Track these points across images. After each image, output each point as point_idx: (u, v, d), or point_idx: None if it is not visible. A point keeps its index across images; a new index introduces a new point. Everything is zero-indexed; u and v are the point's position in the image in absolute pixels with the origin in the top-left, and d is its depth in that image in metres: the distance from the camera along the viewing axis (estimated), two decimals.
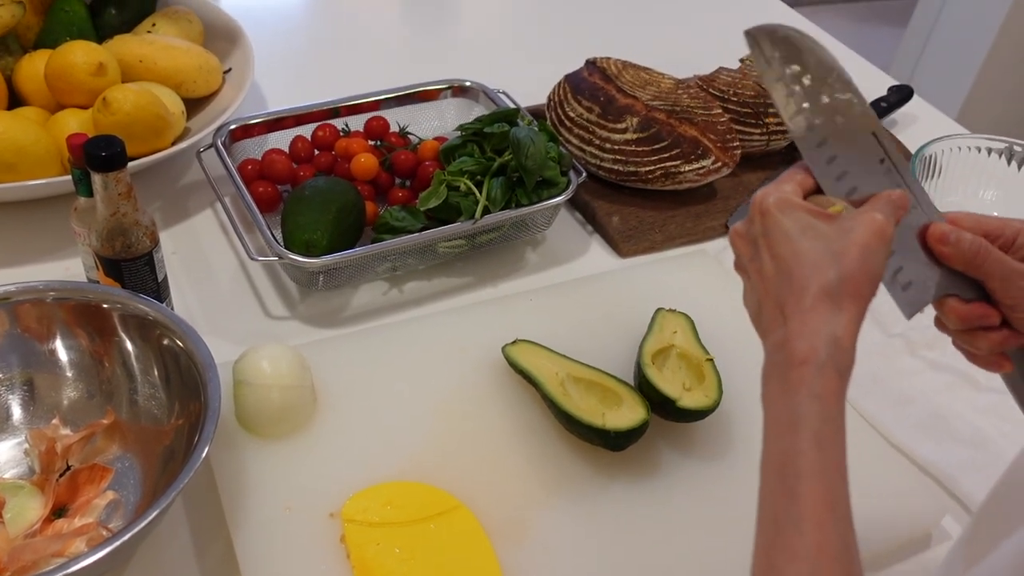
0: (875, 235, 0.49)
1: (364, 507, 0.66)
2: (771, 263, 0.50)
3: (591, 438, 0.71)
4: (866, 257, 0.48)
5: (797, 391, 0.46)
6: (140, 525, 0.55)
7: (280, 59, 1.22)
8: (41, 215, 0.92)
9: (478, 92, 1.06)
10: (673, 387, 0.73)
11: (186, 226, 0.95)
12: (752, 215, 0.52)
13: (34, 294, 0.69)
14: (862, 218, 0.49)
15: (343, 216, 0.85)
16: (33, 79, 0.95)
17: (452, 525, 0.66)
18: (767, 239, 0.51)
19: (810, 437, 0.45)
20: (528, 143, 0.90)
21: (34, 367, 0.70)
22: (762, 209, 0.51)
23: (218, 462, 0.68)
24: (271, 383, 0.69)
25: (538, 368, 0.74)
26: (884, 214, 0.50)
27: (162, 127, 0.91)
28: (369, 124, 1.02)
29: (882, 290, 0.51)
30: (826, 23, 1.51)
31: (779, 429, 0.47)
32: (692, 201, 1.02)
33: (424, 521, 0.66)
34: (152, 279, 0.74)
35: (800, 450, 0.45)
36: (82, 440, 0.67)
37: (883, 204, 0.51)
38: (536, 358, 0.76)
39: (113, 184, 0.68)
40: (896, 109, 1.20)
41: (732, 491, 0.71)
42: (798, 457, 0.45)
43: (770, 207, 0.51)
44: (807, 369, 0.46)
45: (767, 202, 0.51)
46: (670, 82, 1.03)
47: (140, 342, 0.69)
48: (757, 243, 0.52)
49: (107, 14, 1.07)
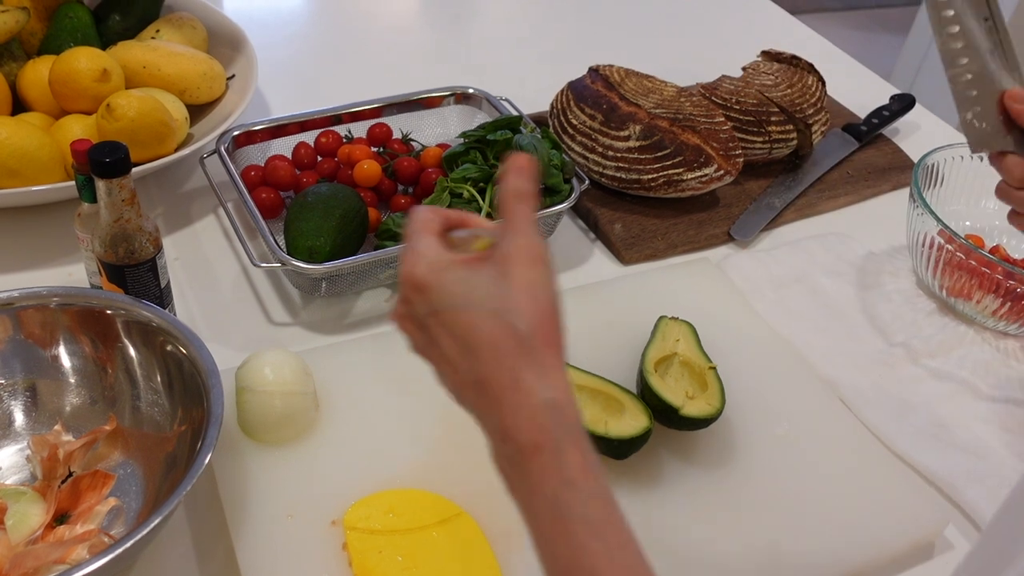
0: (532, 266, 0.45)
1: (366, 514, 0.66)
2: (451, 344, 0.46)
3: (594, 446, 0.71)
4: (536, 295, 0.44)
5: (546, 483, 0.42)
6: (142, 532, 0.54)
7: (284, 66, 1.22)
8: (45, 221, 0.92)
9: (481, 99, 1.06)
10: (676, 395, 0.72)
11: (189, 232, 0.95)
12: (407, 295, 0.48)
13: (37, 300, 0.69)
14: (512, 254, 0.45)
15: (346, 223, 0.86)
16: (37, 85, 0.96)
17: (454, 532, 0.66)
18: (436, 318, 0.46)
19: (584, 528, 0.41)
20: (531, 150, 0.90)
21: (37, 373, 0.70)
22: (416, 285, 0.46)
23: (220, 469, 0.68)
24: (274, 389, 0.69)
25: None
26: (527, 235, 0.46)
27: (166, 133, 0.91)
28: (372, 131, 1.02)
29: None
30: (827, 31, 1.51)
31: (546, 528, 0.42)
32: (695, 209, 1.02)
33: (426, 528, 0.66)
34: (155, 285, 0.74)
35: (580, 545, 0.41)
36: (84, 446, 0.67)
37: (521, 221, 0.46)
38: None
39: (117, 190, 0.68)
40: (898, 118, 1.20)
41: (735, 499, 0.71)
42: (581, 554, 0.41)
43: (422, 279, 0.46)
44: (546, 457, 0.42)
45: (417, 275, 0.46)
46: (673, 90, 1.04)
47: (143, 348, 0.69)
48: (427, 325, 0.47)
49: (111, 20, 1.07)
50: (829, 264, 0.98)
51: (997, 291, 0.87)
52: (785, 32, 1.47)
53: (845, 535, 0.69)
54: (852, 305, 0.93)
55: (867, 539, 0.69)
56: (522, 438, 0.43)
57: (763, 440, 0.76)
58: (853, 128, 1.16)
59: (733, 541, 0.68)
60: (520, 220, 0.47)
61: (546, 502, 0.42)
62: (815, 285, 0.95)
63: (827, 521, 0.70)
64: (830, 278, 0.96)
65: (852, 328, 0.91)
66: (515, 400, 0.43)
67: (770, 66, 1.12)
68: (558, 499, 0.42)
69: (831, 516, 0.70)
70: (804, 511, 0.71)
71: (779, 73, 1.10)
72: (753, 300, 0.92)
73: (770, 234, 1.02)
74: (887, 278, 0.97)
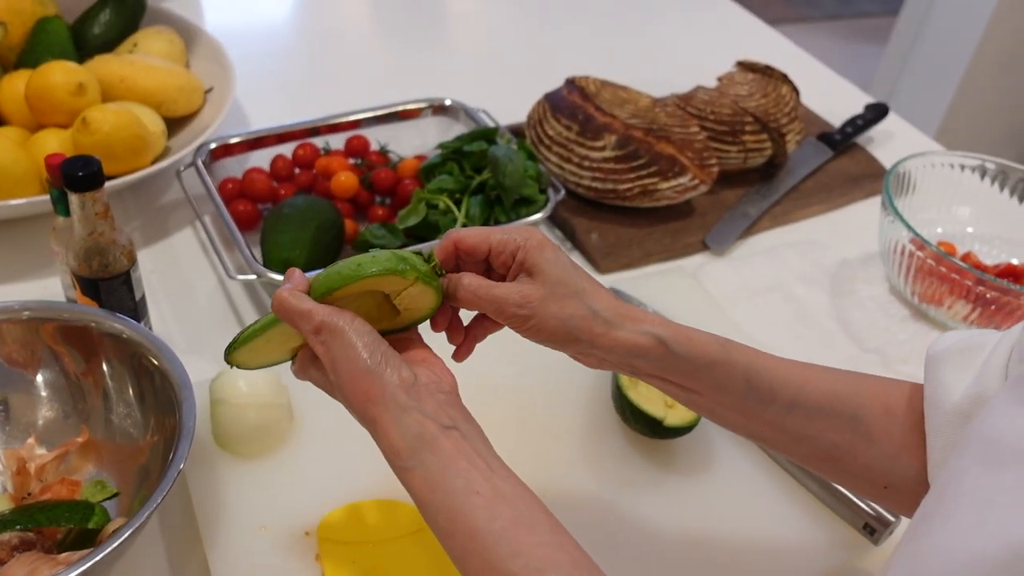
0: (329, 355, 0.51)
1: (340, 525, 0.66)
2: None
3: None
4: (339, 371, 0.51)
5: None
6: (114, 544, 0.54)
7: (262, 78, 1.23)
8: (20, 234, 0.92)
9: (458, 111, 1.07)
10: (656, 406, 0.73)
11: (166, 245, 0.95)
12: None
13: (10, 313, 0.69)
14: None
15: (322, 234, 0.86)
16: (13, 99, 0.96)
17: (428, 543, 0.66)
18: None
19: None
20: (506, 161, 0.91)
21: (9, 387, 0.70)
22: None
23: (194, 480, 0.68)
24: (248, 402, 0.70)
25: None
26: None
27: (141, 147, 0.92)
28: (349, 143, 1.03)
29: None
30: (807, 42, 1.53)
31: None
32: (670, 218, 1.03)
33: (400, 539, 0.66)
34: (130, 298, 0.74)
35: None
36: (56, 459, 0.67)
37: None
38: None
39: (90, 204, 0.68)
40: (872, 126, 1.21)
41: (714, 504, 0.71)
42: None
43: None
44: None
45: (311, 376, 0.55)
46: (648, 100, 1.05)
47: (115, 361, 0.69)
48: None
49: (89, 34, 1.07)
50: (804, 272, 0.98)
51: (968, 297, 0.88)
52: (761, 42, 1.48)
53: (826, 534, 0.70)
54: (826, 312, 0.94)
55: (850, 539, 0.70)
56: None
57: (740, 445, 0.76)
58: (827, 137, 1.17)
59: (713, 544, 0.69)
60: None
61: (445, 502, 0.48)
62: (790, 292, 0.96)
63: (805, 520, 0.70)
64: (805, 285, 0.97)
65: (826, 335, 0.92)
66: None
67: (745, 76, 1.13)
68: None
69: (810, 516, 0.71)
70: (781, 513, 0.71)
71: (753, 83, 1.11)
72: (728, 308, 0.92)
73: (745, 242, 1.03)
74: (861, 285, 0.98)
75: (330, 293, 0.52)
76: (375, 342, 0.50)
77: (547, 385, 0.79)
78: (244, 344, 0.55)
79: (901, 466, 0.55)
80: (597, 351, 0.54)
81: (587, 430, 0.77)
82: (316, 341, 0.51)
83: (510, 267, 0.54)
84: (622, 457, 0.75)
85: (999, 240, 1.01)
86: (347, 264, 0.52)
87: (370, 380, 0.49)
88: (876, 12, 3.47)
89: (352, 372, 0.50)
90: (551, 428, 0.77)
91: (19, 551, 0.60)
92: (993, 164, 0.99)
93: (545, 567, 0.45)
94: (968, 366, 0.52)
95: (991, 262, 1.00)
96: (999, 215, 1.00)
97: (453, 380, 0.53)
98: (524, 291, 0.53)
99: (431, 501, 0.48)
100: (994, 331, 0.53)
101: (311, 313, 0.51)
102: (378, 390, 0.49)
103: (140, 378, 0.68)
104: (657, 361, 0.54)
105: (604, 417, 0.77)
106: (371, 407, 0.50)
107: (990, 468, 0.37)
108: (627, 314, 0.54)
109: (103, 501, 0.66)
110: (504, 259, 0.54)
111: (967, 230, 1.02)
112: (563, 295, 0.53)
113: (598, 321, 0.53)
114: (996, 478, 0.37)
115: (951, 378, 0.52)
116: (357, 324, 0.51)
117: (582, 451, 0.75)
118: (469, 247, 0.54)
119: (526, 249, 0.53)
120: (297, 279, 0.54)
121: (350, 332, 0.50)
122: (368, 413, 0.50)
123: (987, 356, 0.51)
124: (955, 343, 0.54)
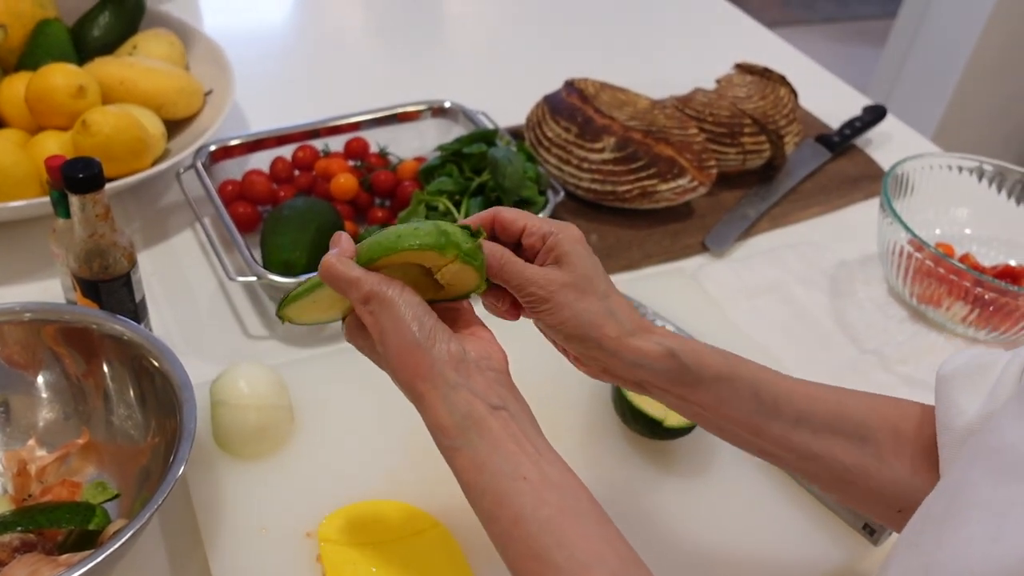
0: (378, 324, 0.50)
1: (340, 526, 0.66)
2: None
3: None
4: (388, 344, 0.50)
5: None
6: (115, 545, 0.54)
7: (261, 80, 1.23)
8: (20, 236, 0.92)
9: (458, 113, 1.07)
10: (656, 407, 0.73)
11: (166, 247, 0.95)
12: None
13: (10, 315, 0.69)
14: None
15: (321, 236, 0.86)
16: (14, 101, 0.96)
17: (429, 544, 0.66)
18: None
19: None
20: (506, 163, 0.91)
21: (10, 389, 0.70)
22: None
23: (195, 482, 0.69)
24: (248, 403, 0.70)
25: None
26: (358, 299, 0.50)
27: (141, 149, 0.92)
28: (349, 145, 1.03)
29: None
30: (806, 44, 1.53)
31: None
32: (669, 219, 1.03)
33: (401, 540, 0.66)
34: (130, 300, 0.74)
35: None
36: (56, 461, 0.67)
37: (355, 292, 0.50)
38: None
39: (90, 206, 0.68)
40: (870, 128, 1.22)
41: (714, 505, 0.72)
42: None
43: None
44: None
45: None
46: (646, 102, 1.05)
47: (116, 363, 0.69)
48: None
49: (89, 37, 1.08)
50: (802, 273, 0.99)
51: (966, 298, 0.88)
52: (759, 45, 1.49)
53: (826, 534, 0.70)
54: (825, 313, 0.94)
55: (849, 539, 0.70)
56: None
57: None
58: (825, 139, 1.18)
59: (715, 545, 0.69)
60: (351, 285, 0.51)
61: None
62: (789, 294, 0.96)
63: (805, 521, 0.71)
64: (803, 287, 0.97)
65: (825, 336, 0.92)
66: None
67: (743, 78, 1.14)
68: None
69: (810, 516, 0.71)
70: (781, 513, 0.71)
71: (752, 85, 1.12)
72: (728, 309, 0.93)
73: (744, 244, 1.03)
74: (859, 286, 0.98)
75: (372, 262, 0.50)
76: (425, 314, 0.49)
77: (547, 385, 0.79)
78: (293, 302, 0.55)
79: (914, 489, 0.54)
80: (604, 354, 0.54)
81: (587, 430, 0.77)
82: (365, 311, 0.50)
83: (538, 252, 0.54)
84: (622, 457, 0.75)
85: (997, 241, 1.02)
86: (388, 234, 0.51)
87: (419, 354, 0.48)
88: (872, 15, 3.48)
89: (400, 345, 0.49)
90: (551, 428, 0.76)
91: (20, 552, 0.60)
92: (991, 166, 1.00)
93: (590, 561, 0.44)
94: (980, 385, 0.51)
95: (989, 263, 1.00)
96: (997, 216, 1.01)
97: (504, 356, 0.52)
98: (549, 274, 0.53)
99: (477, 483, 0.47)
100: (1004, 351, 0.53)
101: (360, 281, 0.49)
102: (427, 365, 0.48)
103: (141, 380, 0.68)
104: (664, 373, 0.54)
105: (604, 418, 0.78)
106: (419, 382, 0.49)
107: (1002, 480, 0.37)
108: (643, 325, 0.54)
109: (104, 503, 0.66)
110: (534, 241, 0.54)
111: (965, 231, 1.03)
112: (585, 290, 0.53)
113: (613, 323, 0.53)
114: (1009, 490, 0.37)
115: (963, 399, 0.51)
116: (407, 295, 0.49)
117: (582, 451, 0.75)
118: (506, 220, 0.54)
119: (559, 238, 0.53)
120: (345, 244, 0.52)
121: (400, 303, 0.49)
122: (416, 388, 0.49)
123: (998, 375, 0.50)
124: (965, 363, 0.53)
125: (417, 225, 0.51)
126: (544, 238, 0.53)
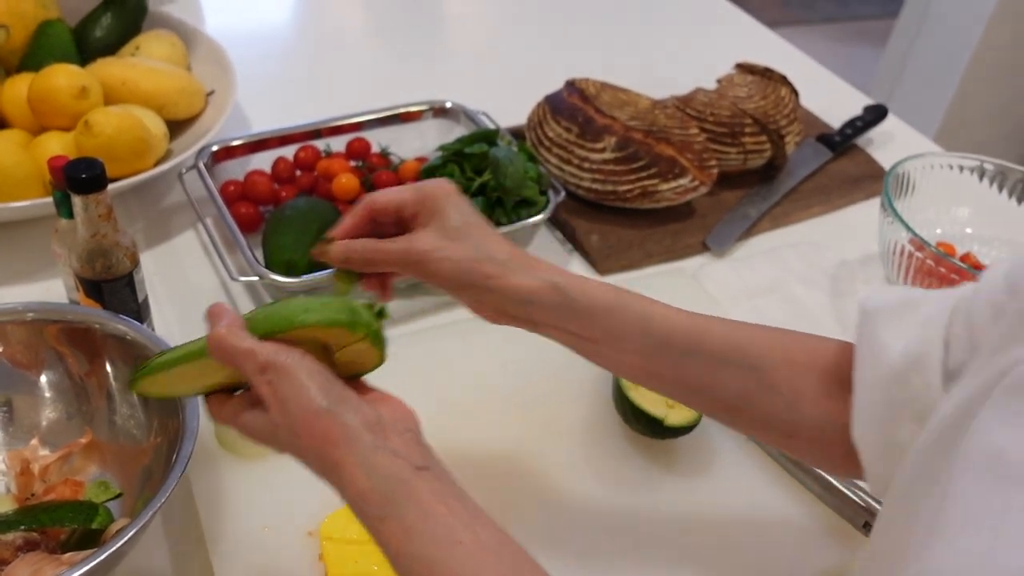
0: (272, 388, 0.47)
1: (342, 525, 0.66)
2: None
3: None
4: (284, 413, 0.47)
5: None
6: (117, 544, 0.55)
7: (263, 81, 1.23)
8: (22, 237, 0.93)
9: (459, 113, 1.07)
10: (656, 406, 0.73)
11: (168, 247, 0.96)
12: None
13: (13, 315, 0.69)
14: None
15: (323, 236, 0.86)
16: (16, 102, 0.96)
17: None
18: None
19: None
20: (507, 163, 0.91)
21: (13, 388, 0.70)
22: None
23: (197, 481, 0.69)
24: None
25: None
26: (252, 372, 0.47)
27: (143, 149, 0.92)
28: (351, 145, 1.03)
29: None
30: (807, 44, 1.53)
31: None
32: (670, 219, 1.03)
33: None
34: (132, 300, 0.75)
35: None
36: (59, 460, 0.67)
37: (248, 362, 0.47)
38: None
39: (93, 206, 0.68)
40: (871, 128, 1.22)
41: (714, 503, 0.72)
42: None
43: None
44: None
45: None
46: (647, 102, 1.05)
47: (119, 362, 0.69)
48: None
49: (91, 37, 1.08)
50: (803, 273, 0.99)
51: None
52: (760, 45, 1.49)
53: (826, 533, 0.70)
54: (826, 313, 0.94)
55: (849, 538, 0.70)
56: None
57: (741, 444, 0.76)
58: (826, 138, 1.18)
59: (715, 544, 0.69)
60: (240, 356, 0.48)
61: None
62: (790, 293, 0.96)
63: (806, 519, 0.71)
64: (804, 286, 0.97)
65: (826, 335, 0.92)
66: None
67: (744, 78, 1.14)
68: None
69: (810, 515, 0.71)
70: (781, 512, 0.71)
71: (752, 85, 1.12)
72: (729, 309, 0.93)
73: (745, 244, 1.03)
74: (860, 286, 0.98)
75: (271, 335, 0.48)
76: (329, 380, 0.47)
77: (547, 385, 0.80)
78: (153, 374, 0.52)
79: (804, 416, 0.55)
80: (491, 296, 0.55)
81: (587, 430, 0.77)
82: (262, 381, 0.46)
83: (417, 217, 0.56)
84: (623, 457, 0.75)
85: (998, 241, 1.02)
86: (291, 306, 0.48)
87: (328, 420, 0.45)
88: (872, 15, 3.48)
89: (306, 413, 0.45)
90: (551, 428, 0.77)
91: (23, 551, 0.61)
92: (992, 165, 1.00)
93: None
94: (905, 324, 0.50)
95: (990, 263, 1.00)
96: (998, 216, 1.01)
97: (416, 418, 0.49)
98: (414, 240, 0.55)
99: (407, 552, 0.44)
100: (930, 290, 0.52)
101: (253, 352, 0.46)
102: (339, 430, 0.45)
103: None
104: (552, 308, 0.55)
105: (604, 417, 0.78)
106: (332, 449, 0.45)
107: (995, 487, 0.37)
108: (523, 261, 0.55)
109: (107, 502, 0.66)
110: (409, 212, 0.56)
111: (966, 231, 1.03)
112: (457, 238, 0.54)
113: (492, 264, 0.54)
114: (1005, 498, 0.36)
115: (888, 336, 0.50)
116: (307, 361, 0.47)
117: (582, 451, 0.75)
118: (380, 206, 0.56)
119: (427, 197, 0.55)
120: (230, 317, 0.49)
121: (300, 370, 0.46)
122: (329, 456, 0.45)
123: (926, 316, 0.49)
124: (890, 300, 0.52)
125: (324, 301, 0.48)
126: (416, 203, 0.55)
